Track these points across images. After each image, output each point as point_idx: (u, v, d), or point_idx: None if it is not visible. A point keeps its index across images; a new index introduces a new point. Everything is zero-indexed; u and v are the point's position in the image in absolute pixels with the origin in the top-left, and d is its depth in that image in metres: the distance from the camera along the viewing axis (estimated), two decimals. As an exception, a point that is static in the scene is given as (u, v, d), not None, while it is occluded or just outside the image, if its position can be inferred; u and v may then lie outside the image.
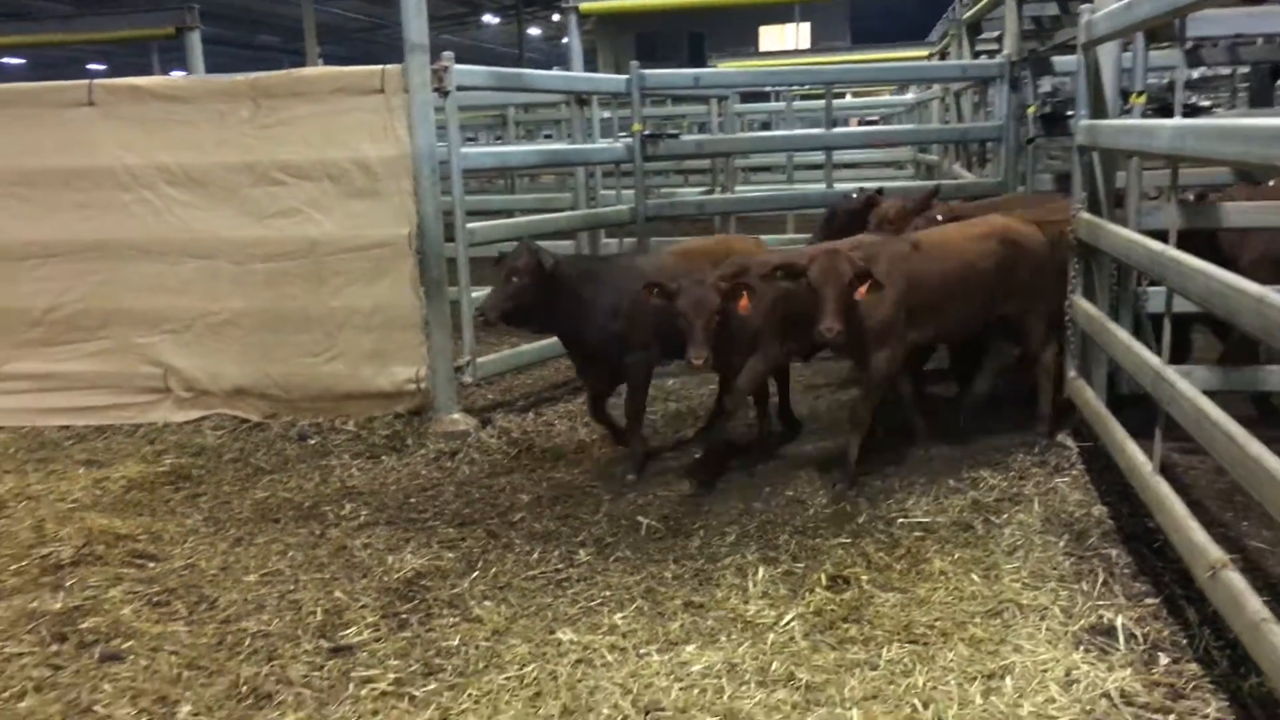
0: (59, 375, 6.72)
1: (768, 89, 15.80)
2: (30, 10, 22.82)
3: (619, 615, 4.01)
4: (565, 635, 3.85)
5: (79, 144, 6.50)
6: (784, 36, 37.52)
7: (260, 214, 6.29)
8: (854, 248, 5.15)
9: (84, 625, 4.07)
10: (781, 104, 16.27)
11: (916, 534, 4.64)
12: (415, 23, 5.74)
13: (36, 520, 5.18)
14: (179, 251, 6.44)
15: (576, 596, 4.21)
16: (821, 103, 16.66)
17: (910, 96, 16.63)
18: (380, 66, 5.98)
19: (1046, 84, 9.02)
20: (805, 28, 36.59)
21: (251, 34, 35.43)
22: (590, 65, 34.81)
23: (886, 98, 19.71)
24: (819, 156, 13.76)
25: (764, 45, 37.53)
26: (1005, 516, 4.76)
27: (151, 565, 4.65)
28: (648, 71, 7.58)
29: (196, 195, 6.38)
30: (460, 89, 6.04)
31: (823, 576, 4.23)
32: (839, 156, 15.88)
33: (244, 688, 3.59)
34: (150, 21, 10.02)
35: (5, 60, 35.11)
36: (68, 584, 4.46)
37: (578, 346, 5.62)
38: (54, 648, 3.91)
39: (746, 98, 17.53)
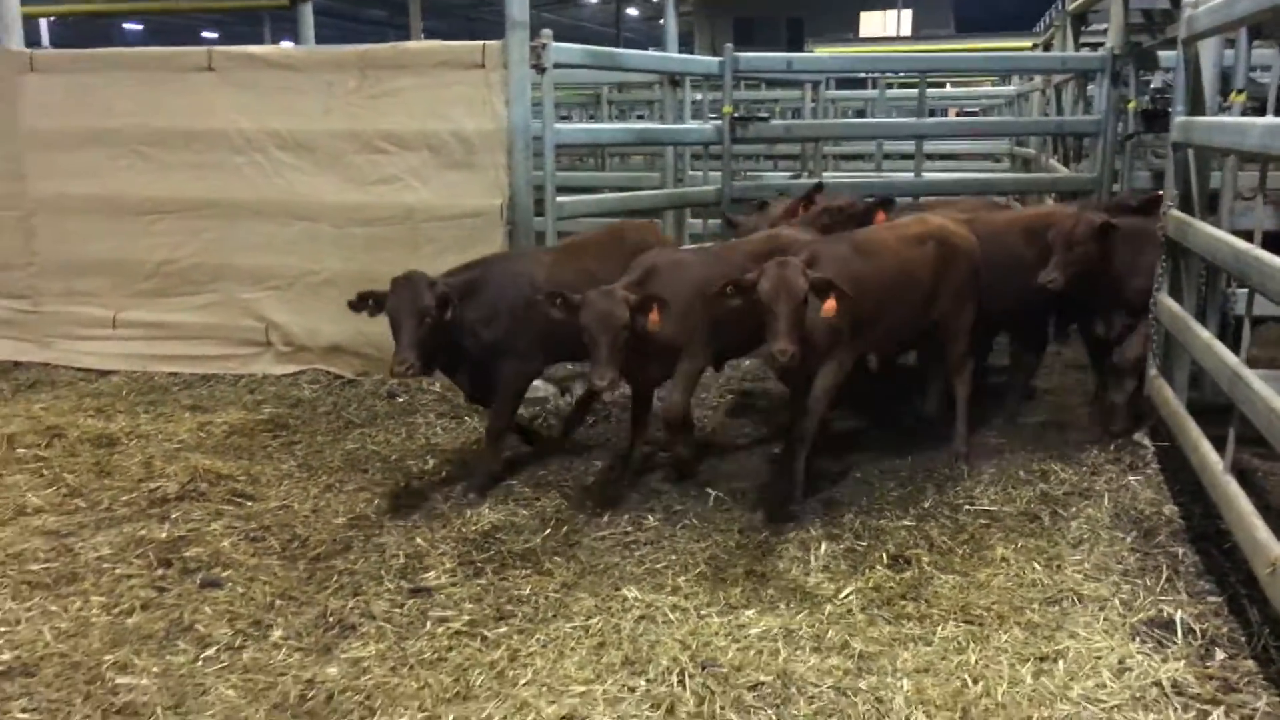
0: (170, 325, 7.14)
1: (863, 75, 15.63)
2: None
3: (682, 578, 4.17)
4: (630, 593, 4.03)
5: (198, 107, 6.88)
6: (885, 23, 36.99)
7: (362, 180, 6.58)
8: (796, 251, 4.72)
9: (187, 554, 4.40)
10: (877, 91, 16.13)
11: (981, 521, 4.69)
12: (518, 2, 5.93)
13: (146, 457, 5.57)
14: (285, 213, 6.78)
15: (643, 558, 4.38)
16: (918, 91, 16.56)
17: (1011, 88, 16.29)
18: (482, 42, 6.19)
19: (1157, 79, 8.82)
20: (907, 15, 35.99)
21: (360, 6, 36.30)
22: (687, 48, 34.83)
23: (987, 88, 19.31)
24: (912, 145, 13.63)
25: (864, 31, 37.03)
26: (1073, 510, 4.77)
27: (249, 504, 4.97)
28: (741, 55, 7.66)
29: (304, 160, 6.70)
30: (557, 66, 6.22)
31: (884, 555, 4.33)
32: (933, 147, 15.67)
33: (331, 618, 3.86)
34: (267, -7, 10.48)
35: (126, 25, 36.68)
36: (173, 516, 4.81)
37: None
38: (159, 572, 4.25)
39: (841, 84, 17.39)
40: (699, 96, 11.62)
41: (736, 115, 7.45)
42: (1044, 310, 5.88)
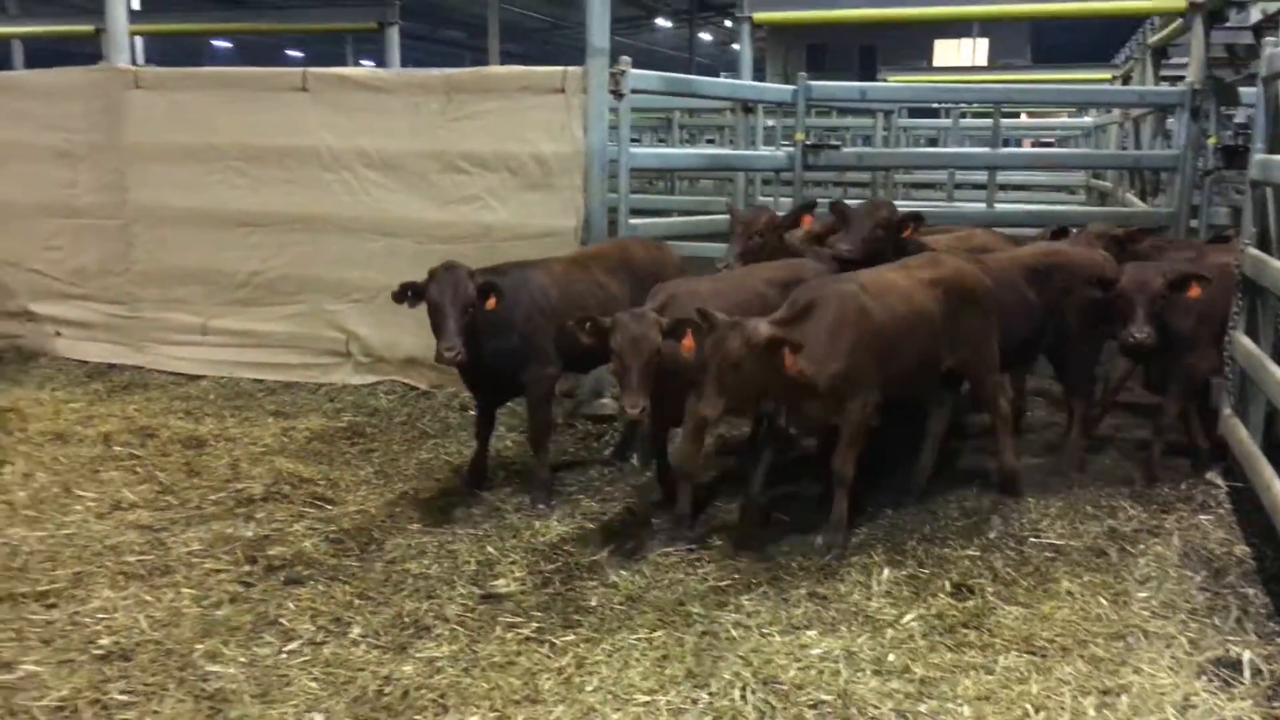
0: (257, 333, 7.44)
1: (937, 105, 15.61)
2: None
3: (745, 597, 4.26)
4: (694, 609, 4.12)
5: (291, 125, 7.17)
6: (959, 52, 36.70)
7: (443, 199, 6.81)
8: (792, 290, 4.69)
9: (271, 552, 4.61)
10: (968, 120, 16.08)
11: (1047, 554, 4.70)
12: (599, 27, 6.11)
13: (232, 459, 5.83)
14: (369, 229, 7.04)
15: (706, 576, 4.47)
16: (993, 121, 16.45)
17: (1089, 120, 16.12)
18: (563, 68, 6.39)
19: (1241, 115, 8.71)
20: (983, 44, 35.67)
21: (438, 29, 37.16)
22: (759, 74, 34.93)
23: (1064, 119, 19.11)
24: (985, 176, 13.58)
25: (938, 60, 36.75)
26: (1141, 547, 4.75)
27: (329, 507, 5.18)
28: (814, 83, 7.76)
29: (388, 178, 6.95)
30: (634, 92, 6.38)
31: (947, 583, 4.36)
32: (1008, 178, 15.57)
33: (407, 619, 4.02)
34: (355, 15, 10.88)
35: (216, 42, 37.98)
36: (258, 516, 5.04)
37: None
38: (246, 568, 4.46)
39: (915, 113, 17.37)
40: (771, 123, 11.75)
41: (809, 142, 7.54)
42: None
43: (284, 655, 3.74)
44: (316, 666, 3.67)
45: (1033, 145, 21.52)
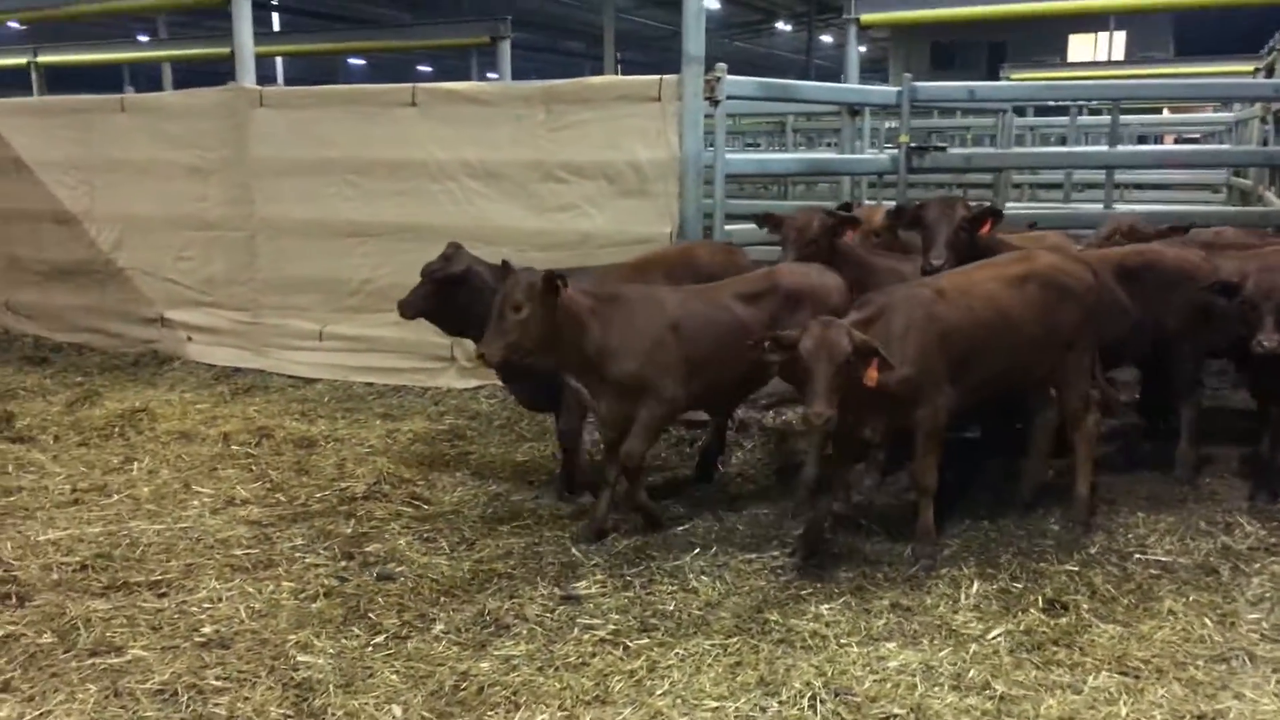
0: (368, 339, 7.75)
1: (1065, 103, 15.02)
2: (375, 19, 25.72)
3: (825, 606, 4.20)
4: (771, 616, 4.10)
5: (401, 139, 7.45)
6: (1097, 46, 35.15)
7: (542, 208, 6.96)
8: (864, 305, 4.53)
9: (368, 548, 4.80)
10: (1088, 118, 15.46)
11: (1152, 571, 4.48)
12: (694, 37, 6.14)
13: (339, 459, 6.09)
14: (472, 237, 7.14)
15: (787, 583, 4.43)
16: (1132, 118, 15.70)
17: (1230, 115, 15.24)
18: (659, 76, 6.45)
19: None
20: (1120, 37, 34.07)
21: (558, 40, 37.83)
22: (880, 74, 34.27)
23: (1208, 115, 18.11)
24: (1126, 175, 13.02)
25: (1073, 55, 35.28)
26: (1257, 565, 4.49)
27: (425, 506, 5.36)
28: (920, 84, 7.60)
29: (491, 188, 7.14)
30: (730, 98, 6.37)
31: (1040, 599, 4.21)
32: (1144, 176, 14.85)
33: (488, 617, 4.12)
34: (469, 31, 11.23)
35: (351, 61, 39.62)
36: (358, 513, 5.25)
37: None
38: (342, 563, 4.65)
39: (1042, 111, 16.75)
40: (892, 124, 11.53)
41: (913, 145, 7.37)
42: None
43: (369, 648, 3.89)
44: (399, 660, 3.80)
45: (1174, 141, 20.48)
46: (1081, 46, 35.74)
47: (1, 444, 6.29)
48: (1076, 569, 4.50)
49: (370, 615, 4.14)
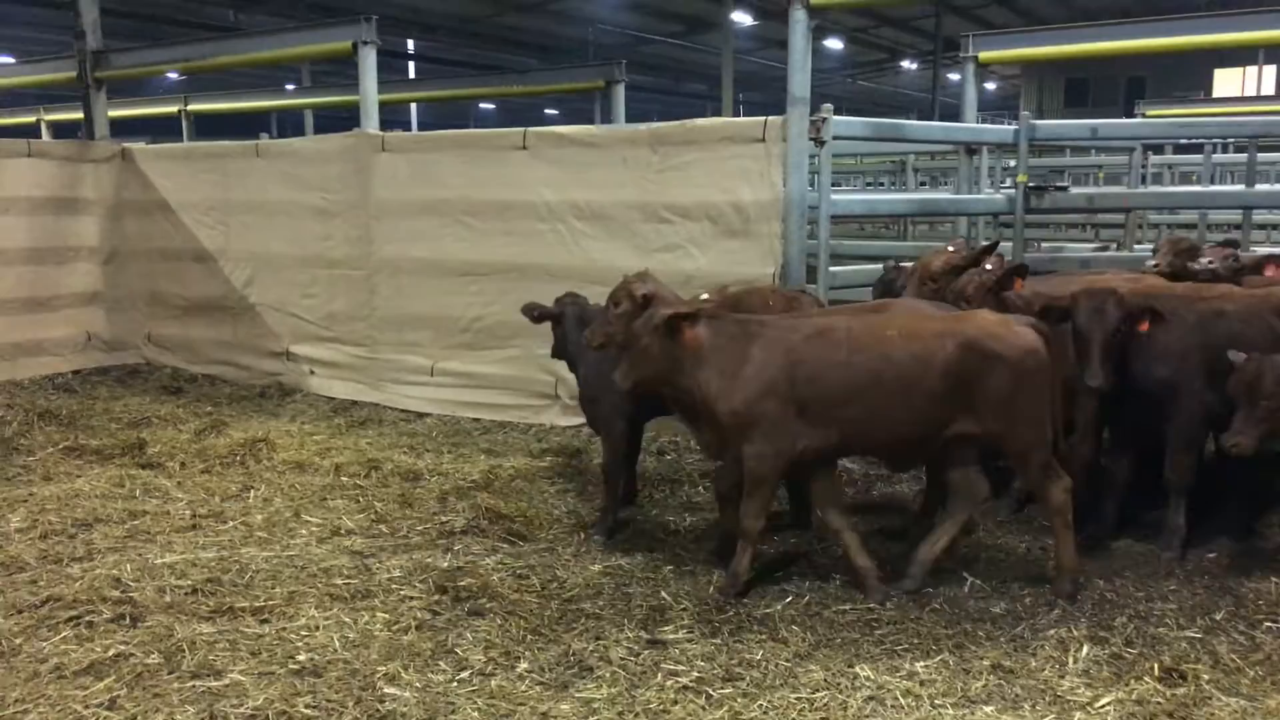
0: (476, 375, 7.93)
1: (1201, 140, 14.33)
2: (505, 65, 26.59)
3: (921, 663, 4.03)
4: (863, 671, 3.95)
5: (512, 181, 7.65)
6: (1244, 81, 33.44)
7: (647, 248, 7.00)
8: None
9: (461, 583, 4.84)
10: (1226, 155, 14.70)
11: (1284, 642, 4.14)
12: (799, 78, 6.13)
13: (442, 492, 6.21)
14: (579, 277, 7.29)
15: (883, 638, 4.27)
16: (1276, 155, 14.83)
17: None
18: (763, 118, 6.44)
19: None
20: (1270, 71, 32.35)
21: (680, 82, 38.32)
22: (1013, 111, 33.35)
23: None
24: (1266, 215, 12.28)
25: (1218, 90, 33.71)
26: (1405, 642, 4.08)
27: (520, 543, 5.40)
28: (1039, 122, 7.36)
29: (597, 229, 7.24)
30: (837, 138, 6.31)
31: (1156, 666, 3.94)
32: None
33: (572, 658, 4.11)
34: (586, 76, 11.48)
35: (482, 105, 41.03)
36: (455, 548, 5.33)
37: None
38: (436, 597, 4.71)
39: (1182, 148, 16.02)
40: (1012, 163, 11.20)
41: (1031, 184, 7.13)
42: None
43: (455, 683, 3.92)
44: (481, 697, 3.81)
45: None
46: (1227, 81, 34.14)
47: (132, 469, 6.66)
48: (1198, 636, 4.21)
49: (458, 650, 4.18)
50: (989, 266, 5.52)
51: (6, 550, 5.25)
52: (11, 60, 19.85)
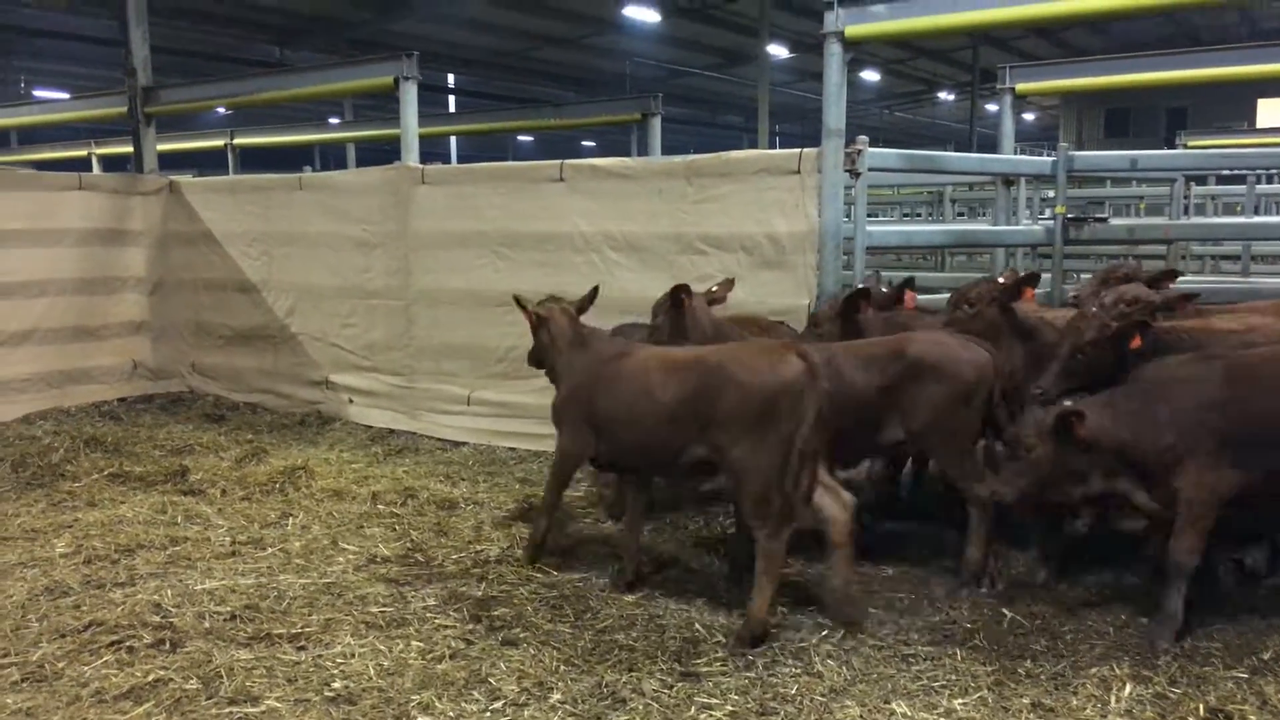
0: (512, 405, 7.97)
1: (1244, 171, 14.17)
2: (544, 98, 26.97)
3: (959, 700, 3.97)
4: (899, 707, 3.90)
5: (549, 213, 7.73)
6: (1290, 110, 32.98)
7: (682, 279, 6.89)
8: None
9: (495, 612, 4.87)
10: (1270, 186, 14.52)
11: (1337, 683, 4.02)
12: (834, 110, 6.15)
13: (477, 521, 6.24)
14: (612, 307, 7.29)
15: (920, 674, 4.22)
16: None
17: None
18: (798, 150, 6.47)
19: None
20: (1317, 100, 31.86)
21: (715, 114, 38.58)
22: (1052, 142, 33.17)
23: None
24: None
25: (1262, 121, 33.25)
26: None
27: (554, 574, 5.40)
28: (1077, 154, 7.32)
29: (632, 260, 7.29)
30: (873, 170, 6.32)
31: (1201, 707, 3.87)
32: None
33: (605, 689, 4.09)
34: (622, 109, 11.60)
35: (520, 138, 41.55)
36: (490, 577, 5.34)
37: None
38: (470, 626, 4.73)
39: (1225, 179, 15.85)
40: (1051, 194, 11.13)
41: (1070, 216, 7.08)
42: None
43: (487, 714, 3.93)
44: (514, 727, 3.81)
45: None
46: (1271, 111, 33.68)
47: (175, 495, 6.76)
48: (1245, 676, 4.11)
49: (491, 680, 4.18)
50: (1000, 279, 5.60)
51: (51, 575, 5.34)
52: (65, 96, 20.42)
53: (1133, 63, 9.24)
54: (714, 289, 6.03)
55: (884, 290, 6.25)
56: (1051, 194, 10.46)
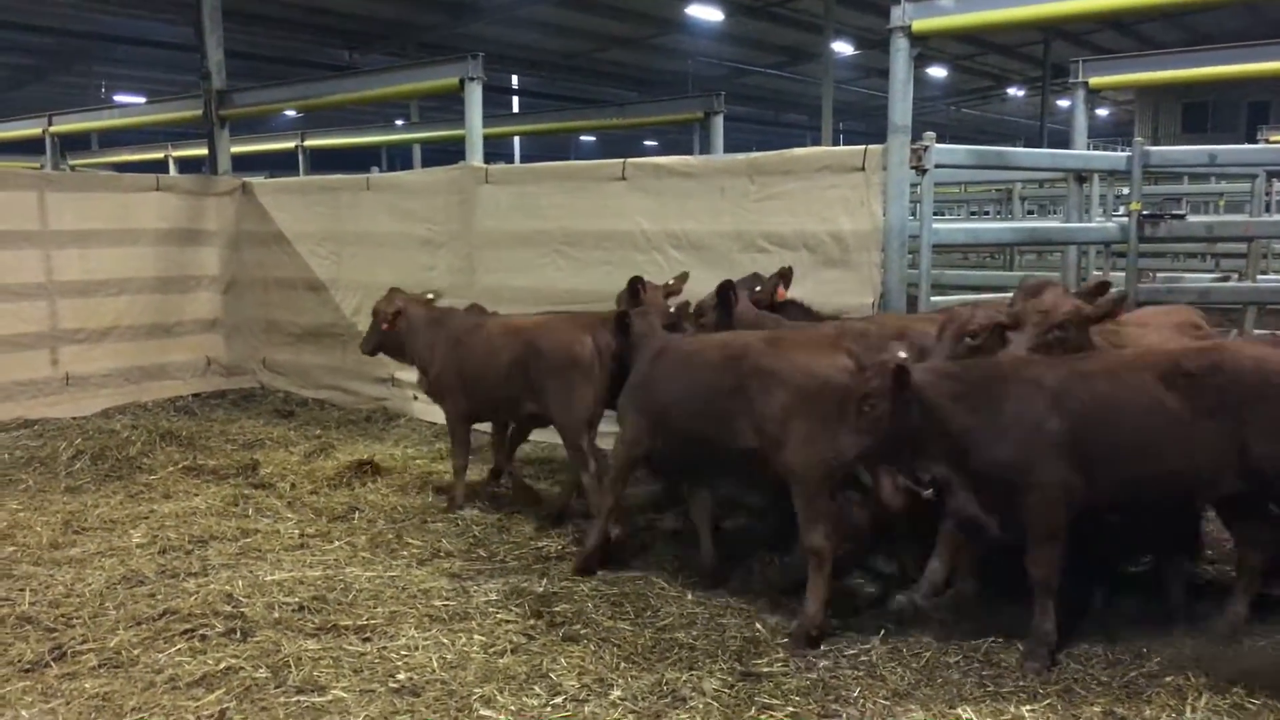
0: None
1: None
2: (607, 98, 27.06)
3: (1027, 707, 3.90)
4: (965, 713, 3.84)
5: (611, 211, 7.74)
6: (1380, 102, 31.70)
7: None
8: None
9: (556, 608, 4.89)
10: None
11: None
12: (900, 106, 6.06)
13: (539, 518, 6.27)
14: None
15: (986, 679, 4.15)
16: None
17: None
18: (863, 147, 6.38)
19: None
20: None
21: (778, 113, 38.32)
22: (1127, 137, 32.35)
23: None
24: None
25: (1350, 114, 32.06)
26: None
27: (615, 571, 5.41)
28: (1153, 149, 7.11)
29: (694, 258, 7.25)
30: (940, 166, 6.21)
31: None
32: None
33: (665, 687, 4.10)
34: (684, 108, 11.59)
35: (583, 138, 41.76)
36: (551, 573, 5.38)
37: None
38: (531, 621, 4.77)
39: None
40: (1126, 190, 10.86)
41: (1145, 213, 6.88)
42: None
43: (548, 708, 3.95)
44: (575, 722, 3.83)
45: None
46: (1360, 105, 32.40)
47: (246, 488, 6.93)
48: (1329, 687, 3.95)
49: (552, 675, 4.21)
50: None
51: (128, 564, 5.51)
52: (142, 100, 21.07)
53: (1211, 55, 8.95)
54: (670, 281, 6.37)
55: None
56: (1126, 191, 10.22)
